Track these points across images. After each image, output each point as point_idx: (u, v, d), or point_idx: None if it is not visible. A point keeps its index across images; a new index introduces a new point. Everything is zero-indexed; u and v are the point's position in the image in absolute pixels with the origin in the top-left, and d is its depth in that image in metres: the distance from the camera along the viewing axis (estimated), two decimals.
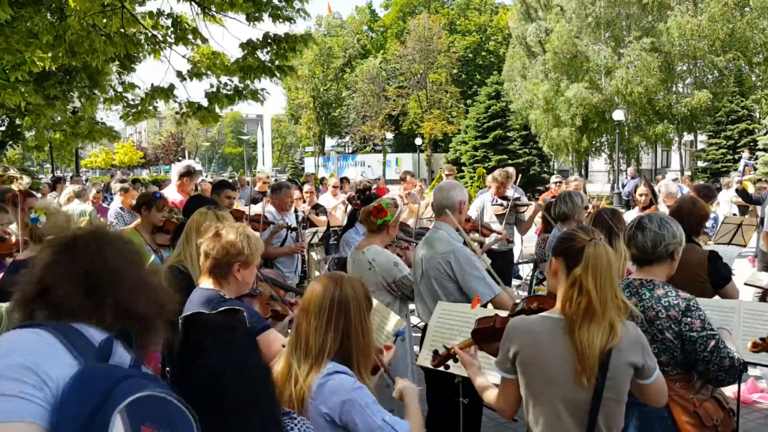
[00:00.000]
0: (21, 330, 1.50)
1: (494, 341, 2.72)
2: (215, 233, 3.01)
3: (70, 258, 1.67)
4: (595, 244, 2.35)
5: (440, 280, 4.08)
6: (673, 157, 43.71)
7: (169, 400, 1.40)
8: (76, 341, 1.49)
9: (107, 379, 1.36)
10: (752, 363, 3.42)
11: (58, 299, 1.61)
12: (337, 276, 2.50)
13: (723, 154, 32.39)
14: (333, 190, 10.87)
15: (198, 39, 7.74)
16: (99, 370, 1.41)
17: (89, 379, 1.36)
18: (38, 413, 1.33)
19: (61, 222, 4.19)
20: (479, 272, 4.02)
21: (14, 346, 1.43)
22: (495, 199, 8.16)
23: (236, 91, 8.16)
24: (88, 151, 64.71)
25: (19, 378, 1.35)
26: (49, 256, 1.70)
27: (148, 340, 1.71)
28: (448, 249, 4.07)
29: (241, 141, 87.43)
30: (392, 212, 4.49)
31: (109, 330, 1.61)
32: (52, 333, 1.48)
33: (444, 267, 4.05)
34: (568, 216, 5.45)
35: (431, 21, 49.91)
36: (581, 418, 2.34)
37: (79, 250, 1.70)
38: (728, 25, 33.44)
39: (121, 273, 1.69)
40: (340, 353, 2.35)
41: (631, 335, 2.38)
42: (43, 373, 1.37)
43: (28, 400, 1.33)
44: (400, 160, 50.67)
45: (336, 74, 57.83)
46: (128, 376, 1.39)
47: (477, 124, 40.34)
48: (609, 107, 34.23)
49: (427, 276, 4.17)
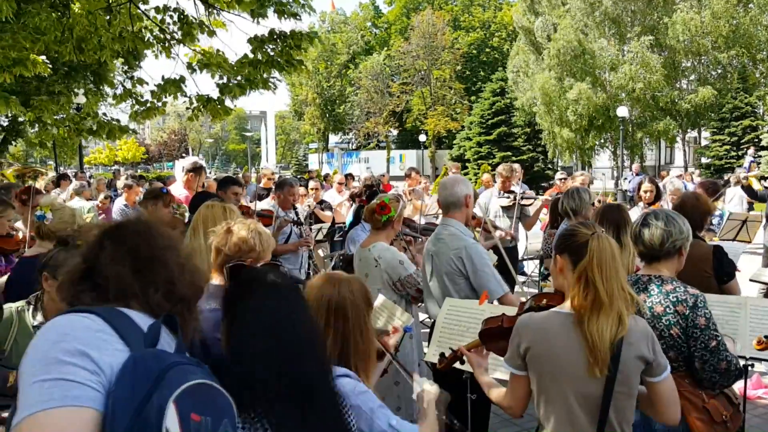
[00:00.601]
0: (71, 315, 1.50)
1: (502, 340, 2.71)
2: (227, 229, 3.00)
3: (119, 239, 1.70)
4: (598, 238, 2.37)
5: (452, 276, 4.05)
6: (676, 153, 43.63)
7: (215, 387, 1.45)
8: (124, 326, 1.50)
9: (157, 365, 1.39)
10: (758, 359, 3.42)
11: (105, 280, 1.63)
12: (334, 277, 2.46)
13: (727, 151, 32.33)
14: (338, 186, 10.87)
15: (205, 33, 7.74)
16: (149, 355, 1.43)
17: (140, 366, 1.38)
18: (97, 398, 1.34)
19: (67, 218, 4.20)
20: (491, 269, 4.01)
21: (67, 330, 1.43)
22: (501, 193, 8.18)
23: (247, 80, 8.15)
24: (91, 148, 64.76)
25: (78, 363, 1.36)
26: (97, 238, 1.72)
27: (190, 323, 1.75)
28: (460, 245, 4.04)
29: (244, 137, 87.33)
30: (395, 207, 4.47)
31: (154, 312, 1.64)
32: (102, 317, 1.49)
33: (456, 263, 4.02)
34: (576, 212, 5.44)
35: (435, 17, 49.83)
36: (593, 412, 2.34)
37: (127, 231, 1.74)
38: (732, 21, 33.36)
39: (166, 254, 1.72)
40: (341, 356, 2.30)
41: (640, 329, 2.38)
42: (98, 359, 1.38)
43: (87, 385, 1.34)
44: (404, 157, 50.66)
45: (340, 71, 57.80)
46: (177, 362, 1.42)
47: (481, 121, 40.29)
48: (613, 104, 34.15)
49: (438, 273, 4.14)
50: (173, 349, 1.57)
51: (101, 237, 1.73)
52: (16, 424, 1.31)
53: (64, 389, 1.32)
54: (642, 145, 38.72)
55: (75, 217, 4.39)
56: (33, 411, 1.29)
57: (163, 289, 1.67)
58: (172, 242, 1.79)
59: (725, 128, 32.82)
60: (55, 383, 1.33)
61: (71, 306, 1.61)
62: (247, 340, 1.79)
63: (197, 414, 1.35)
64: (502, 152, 37.58)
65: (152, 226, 1.79)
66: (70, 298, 1.64)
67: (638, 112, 35.89)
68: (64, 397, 1.31)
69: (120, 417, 1.31)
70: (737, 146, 31.87)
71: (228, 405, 1.48)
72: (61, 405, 1.30)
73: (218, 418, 1.41)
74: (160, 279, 1.67)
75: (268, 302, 1.88)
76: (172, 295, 1.68)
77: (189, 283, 1.74)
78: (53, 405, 1.30)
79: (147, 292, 1.64)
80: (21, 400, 1.34)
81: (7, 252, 4.94)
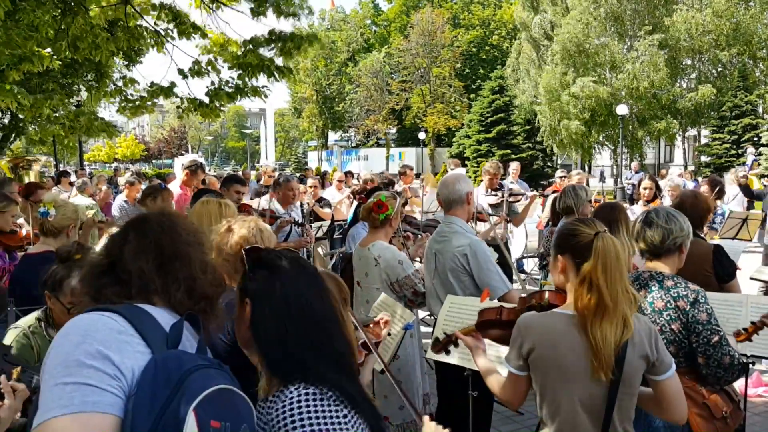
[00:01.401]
0: (93, 314, 1.50)
1: (498, 330, 2.70)
2: (227, 228, 2.97)
3: (143, 234, 1.69)
4: (602, 238, 2.31)
5: (456, 273, 4.05)
6: (676, 151, 43.62)
7: (235, 392, 1.45)
8: (146, 326, 1.50)
9: (178, 369, 1.38)
10: (758, 357, 3.43)
11: (128, 275, 1.62)
12: None
13: (726, 149, 32.35)
14: (338, 184, 10.86)
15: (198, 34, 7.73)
16: (170, 359, 1.43)
17: (161, 370, 1.38)
18: (116, 404, 1.35)
19: (70, 214, 4.21)
20: (494, 266, 4.01)
21: (89, 331, 1.43)
22: (488, 191, 8.17)
23: (237, 88, 8.16)
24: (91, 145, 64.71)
25: (99, 367, 1.36)
26: (122, 233, 1.72)
27: (212, 321, 1.74)
28: (465, 242, 4.04)
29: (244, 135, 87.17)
30: (392, 205, 4.45)
31: (177, 309, 1.63)
32: (125, 317, 1.49)
33: (460, 260, 4.02)
34: (573, 209, 5.44)
35: (435, 15, 49.77)
36: (597, 413, 2.33)
37: (152, 226, 1.72)
38: (732, 19, 33.34)
39: (189, 250, 1.71)
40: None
41: (643, 328, 2.36)
42: (120, 362, 1.38)
43: (106, 390, 1.35)
44: (403, 155, 50.59)
45: (339, 68, 57.74)
46: (197, 367, 1.41)
47: (481, 119, 40.24)
48: (615, 101, 34.10)
49: (442, 270, 4.13)
50: (195, 349, 1.57)
51: (126, 229, 1.73)
52: (35, 426, 1.32)
53: (84, 394, 1.33)
54: (642, 144, 38.70)
55: (77, 213, 4.40)
56: (52, 416, 1.30)
57: (185, 285, 1.66)
58: (196, 238, 1.77)
59: (725, 126, 32.83)
60: (76, 387, 1.33)
61: (95, 300, 1.61)
62: (277, 323, 1.74)
63: (216, 420, 1.35)
64: (502, 150, 37.55)
65: (177, 221, 1.77)
66: (93, 292, 1.63)
67: (639, 110, 35.82)
68: (84, 403, 1.31)
69: (139, 424, 1.31)
70: (737, 144, 31.89)
71: (248, 409, 1.49)
72: (81, 410, 1.31)
73: (238, 424, 1.42)
74: (183, 275, 1.66)
75: (294, 282, 1.82)
76: (194, 292, 1.67)
77: (211, 281, 1.74)
78: (72, 410, 1.30)
79: (169, 289, 1.63)
80: (42, 401, 1.34)
81: (12, 248, 4.94)
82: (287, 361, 1.70)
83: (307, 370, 1.68)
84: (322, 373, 1.69)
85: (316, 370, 1.69)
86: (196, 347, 1.58)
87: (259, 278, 1.80)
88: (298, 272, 1.84)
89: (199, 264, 1.72)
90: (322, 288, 1.88)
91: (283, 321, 1.73)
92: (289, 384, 1.67)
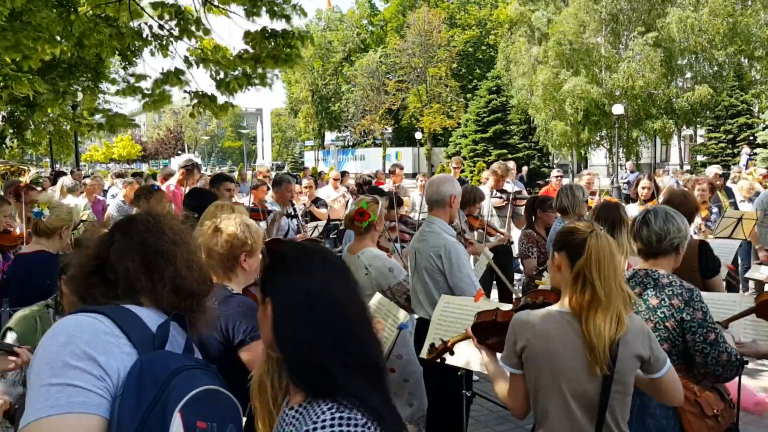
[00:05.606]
0: (80, 315, 1.50)
1: (495, 335, 2.70)
2: (214, 228, 2.96)
3: (130, 233, 1.70)
4: (597, 236, 2.36)
5: (431, 272, 4.12)
6: (672, 151, 43.67)
7: (221, 392, 1.45)
8: (132, 327, 1.50)
9: (164, 370, 1.39)
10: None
11: (116, 274, 1.63)
12: None
13: (722, 149, 32.44)
14: (334, 183, 10.91)
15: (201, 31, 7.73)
16: (156, 359, 1.43)
17: (147, 371, 1.38)
18: (102, 405, 1.35)
19: (64, 215, 4.21)
20: (467, 269, 4.08)
21: (75, 333, 1.43)
22: (493, 192, 8.15)
23: (245, 75, 8.15)
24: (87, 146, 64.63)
25: (85, 368, 1.37)
26: (108, 233, 1.73)
27: (199, 318, 1.74)
28: (440, 243, 4.10)
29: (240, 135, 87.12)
30: (374, 210, 4.38)
31: (164, 307, 1.64)
32: (110, 318, 1.49)
33: (435, 260, 4.09)
34: (570, 209, 5.42)
35: (431, 15, 49.83)
36: (590, 411, 2.35)
37: (137, 226, 1.72)
38: (729, 19, 33.38)
39: (175, 248, 1.71)
40: None
41: (637, 327, 2.39)
42: (105, 363, 1.39)
43: (92, 391, 1.35)
44: (399, 154, 50.66)
45: (335, 68, 57.75)
46: (183, 367, 1.41)
47: (477, 119, 40.29)
48: (610, 101, 34.14)
49: (419, 269, 4.21)
50: (182, 349, 1.57)
51: (113, 230, 1.74)
52: (22, 427, 1.32)
53: (70, 395, 1.33)
54: (638, 143, 38.75)
55: (72, 214, 4.40)
56: (38, 416, 1.31)
57: (171, 284, 1.66)
58: (182, 237, 1.77)
59: (721, 126, 32.91)
60: (62, 388, 1.34)
61: (82, 300, 1.63)
62: (303, 324, 1.55)
63: (203, 421, 1.35)
64: (498, 150, 37.60)
65: (161, 220, 1.77)
66: (81, 292, 1.65)
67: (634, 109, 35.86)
68: (70, 404, 1.32)
69: (125, 425, 1.32)
70: (733, 144, 31.99)
71: (234, 409, 1.48)
72: (66, 411, 1.31)
73: (224, 424, 1.42)
74: (169, 273, 1.66)
75: (319, 278, 1.62)
76: (180, 289, 1.67)
77: (197, 279, 1.73)
78: (58, 411, 1.31)
79: (155, 287, 1.64)
80: (28, 402, 1.35)
81: (6, 248, 4.94)
82: (311, 368, 1.52)
83: (333, 381, 1.50)
84: (350, 386, 1.50)
85: (344, 383, 1.50)
86: (183, 347, 1.58)
87: (280, 274, 1.63)
88: (323, 266, 1.65)
89: (185, 262, 1.71)
90: (350, 283, 1.69)
91: (307, 322, 1.54)
92: (319, 398, 1.49)
